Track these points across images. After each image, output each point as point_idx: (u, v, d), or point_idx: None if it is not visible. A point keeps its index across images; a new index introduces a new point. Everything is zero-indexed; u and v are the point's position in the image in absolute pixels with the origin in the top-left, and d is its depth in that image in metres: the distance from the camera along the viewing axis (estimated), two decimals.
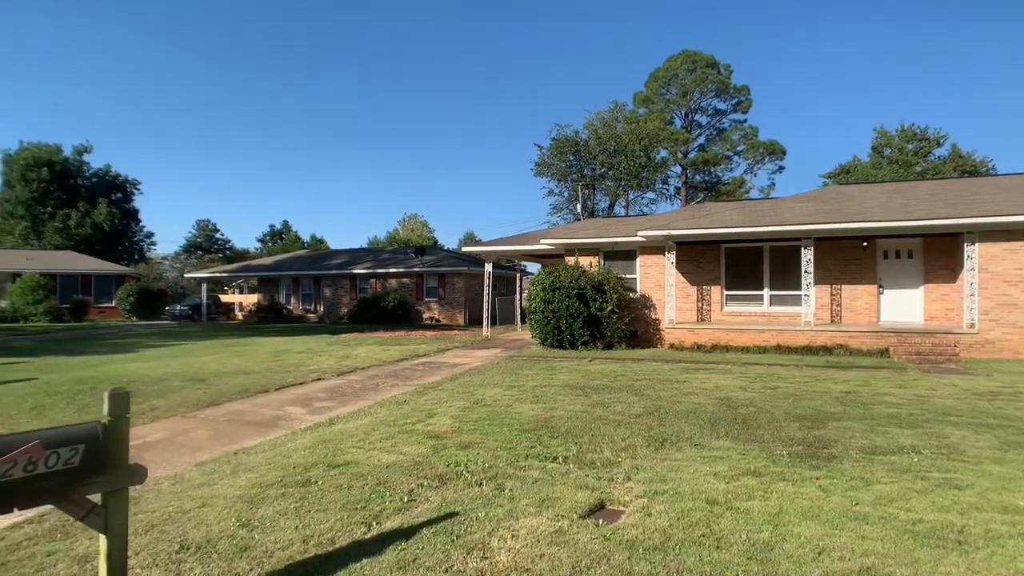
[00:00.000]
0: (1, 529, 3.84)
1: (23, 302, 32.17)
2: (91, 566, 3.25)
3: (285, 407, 8.26)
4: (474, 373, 11.16)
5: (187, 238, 72.09)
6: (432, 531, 3.63)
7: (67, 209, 51.60)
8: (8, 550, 3.52)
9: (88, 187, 54.88)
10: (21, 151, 52.21)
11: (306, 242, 69.20)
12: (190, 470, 5.16)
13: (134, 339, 20.24)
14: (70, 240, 50.15)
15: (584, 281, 15.01)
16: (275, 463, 5.21)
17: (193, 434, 6.73)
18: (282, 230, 75.31)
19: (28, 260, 37.86)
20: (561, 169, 46.00)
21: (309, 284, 34.41)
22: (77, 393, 8.83)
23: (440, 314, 30.27)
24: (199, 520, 3.89)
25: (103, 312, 36.68)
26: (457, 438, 5.94)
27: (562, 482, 4.58)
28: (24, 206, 50.94)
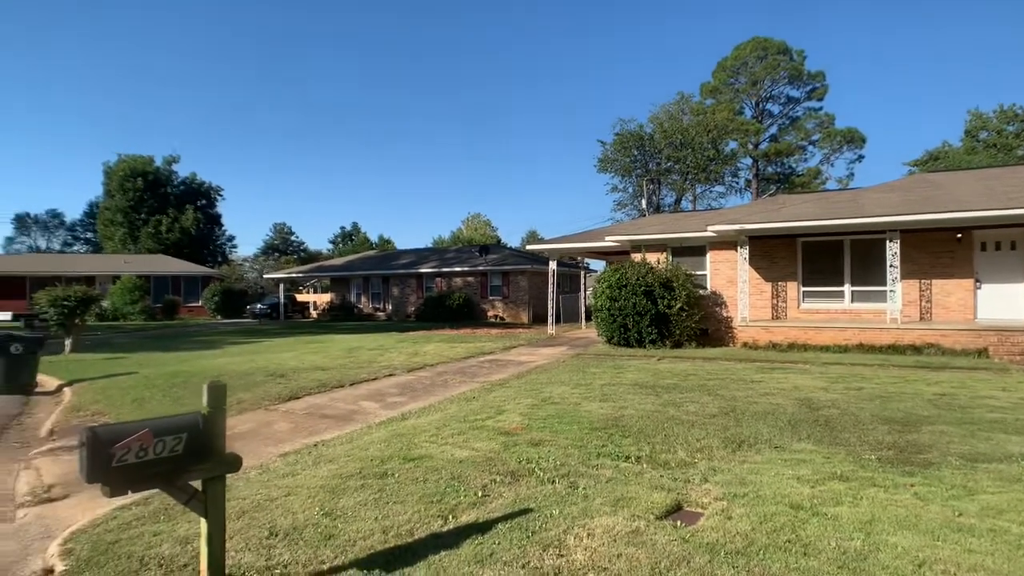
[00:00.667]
0: (113, 510, 4.17)
1: (122, 302, 34.83)
2: (191, 547, 3.47)
3: (359, 402, 8.54)
4: (540, 371, 11.16)
5: (265, 241, 76.00)
6: (507, 527, 3.65)
7: (159, 215, 55.43)
8: (120, 528, 3.81)
9: (176, 195, 58.74)
10: (119, 163, 56.53)
11: (374, 243, 71.34)
12: (275, 460, 5.42)
13: (219, 336, 21.50)
14: (161, 244, 53.83)
15: (652, 278, 14.72)
16: (353, 455, 5.40)
17: (276, 426, 7.07)
18: (352, 232, 78.02)
19: (126, 263, 40.95)
20: (625, 164, 45.31)
21: (378, 283, 35.46)
22: (172, 386, 9.47)
23: (504, 312, 30.49)
24: (286, 508, 4.08)
25: (191, 311, 39.18)
26: (527, 435, 5.96)
27: (636, 482, 4.51)
28: (122, 213, 55.13)
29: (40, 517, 4.44)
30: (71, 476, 5.36)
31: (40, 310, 16.89)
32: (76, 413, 8.12)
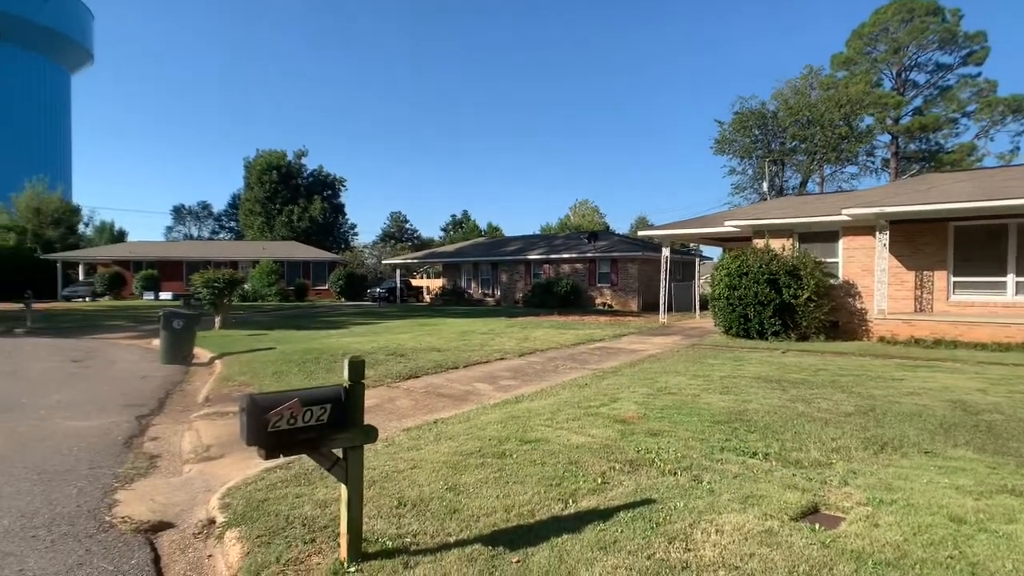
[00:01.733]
0: (261, 471, 4.58)
1: (260, 284, 38.35)
2: (329, 510, 3.72)
3: (473, 383, 8.78)
4: (653, 360, 10.86)
5: (382, 228, 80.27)
6: (630, 516, 3.58)
7: (291, 205, 60.25)
8: (267, 488, 4.18)
9: (306, 186, 63.45)
10: (257, 158, 62.00)
11: (483, 230, 72.97)
12: (399, 435, 5.70)
13: (343, 317, 23.04)
14: (293, 232, 58.50)
15: (776, 266, 13.81)
16: (471, 434, 5.55)
17: (398, 402, 7.44)
18: (462, 219, 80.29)
19: (263, 250, 44.94)
20: (745, 145, 42.72)
21: (487, 269, 36.25)
22: (305, 362, 10.27)
23: (612, 300, 30.03)
24: (411, 480, 4.27)
25: (318, 293, 42.32)
26: (644, 424, 5.81)
27: (766, 480, 4.24)
28: (260, 204, 60.53)
29: (202, 473, 4.99)
30: (225, 438, 5.97)
31: (195, 290, 19.01)
32: (226, 383, 9.04)
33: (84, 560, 3.35)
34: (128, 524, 3.87)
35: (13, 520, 3.89)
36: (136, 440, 6.03)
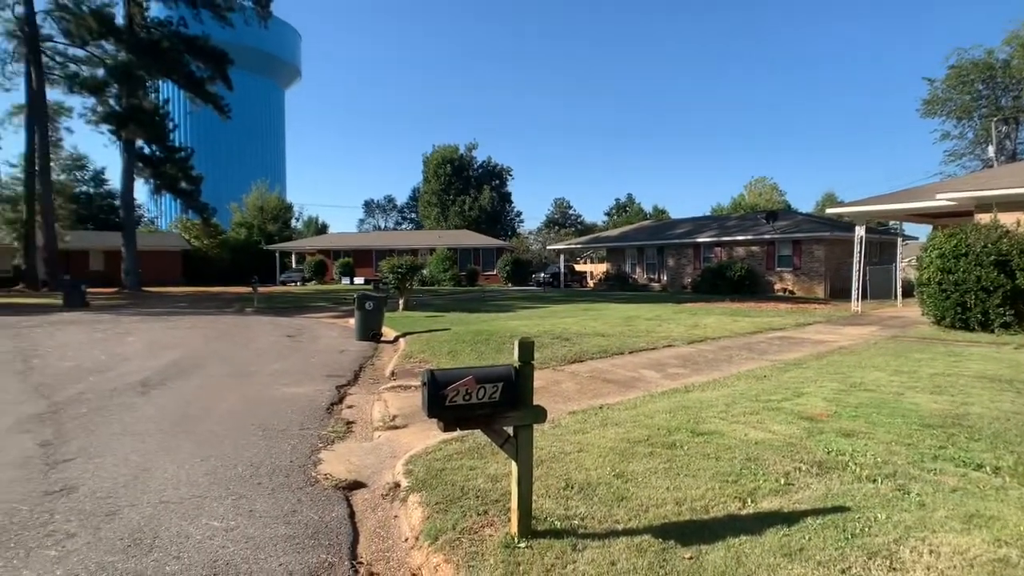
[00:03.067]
0: (439, 442, 4.91)
1: (437, 270, 41.32)
2: (500, 484, 3.86)
3: (639, 369, 8.57)
4: (845, 352, 9.71)
5: (547, 215, 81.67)
6: (819, 523, 3.22)
7: (463, 196, 63.88)
8: (445, 459, 4.47)
9: (476, 177, 66.78)
10: (434, 153, 66.58)
11: (648, 213, 70.90)
12: (564, 417, 5.74)
13: (510, 301, 23.92)
14: (465, 221, 61.98)
15: (1007, 245, 11.55)
16: (639, 422, 5.41)
17: (563, 385, 7.53)
18: (626, 203, 78.74)
19: (439, 238, 48.28)
20: (963, 104, 36.19)
21: (652, 254, 35.17)
22: (476, 343, 10.83)
23: (794, 285, 27.44)
24: (578, 464, 4.28)
25: (487, 279, 44.43)
26: (835, 423, 5.20)
27: (996, 498, 3.55)
28: (436, 196, 65.02)
29: (388, 440, 5.48)
30: (407, 409, 6.51)
31: (383, 276, 21.02)
32: (408, 359, 9.87)
33: (296, 508, 3.86)
34: (329, 481, 4.38)
35: (245, 468, 4.61)
36: (336, 407, 6.82)
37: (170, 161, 34.13)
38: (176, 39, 32.35)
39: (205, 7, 33.11)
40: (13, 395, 7.03)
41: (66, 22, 32.00)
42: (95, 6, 32.24)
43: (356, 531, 3.60)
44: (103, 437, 5.37)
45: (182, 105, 45.27)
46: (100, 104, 32.93)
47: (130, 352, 10.53)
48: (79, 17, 31.34)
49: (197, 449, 5.05)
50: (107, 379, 8.02)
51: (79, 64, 34.11)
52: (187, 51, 32.74)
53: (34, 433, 5.49)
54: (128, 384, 7.68)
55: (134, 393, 7.18)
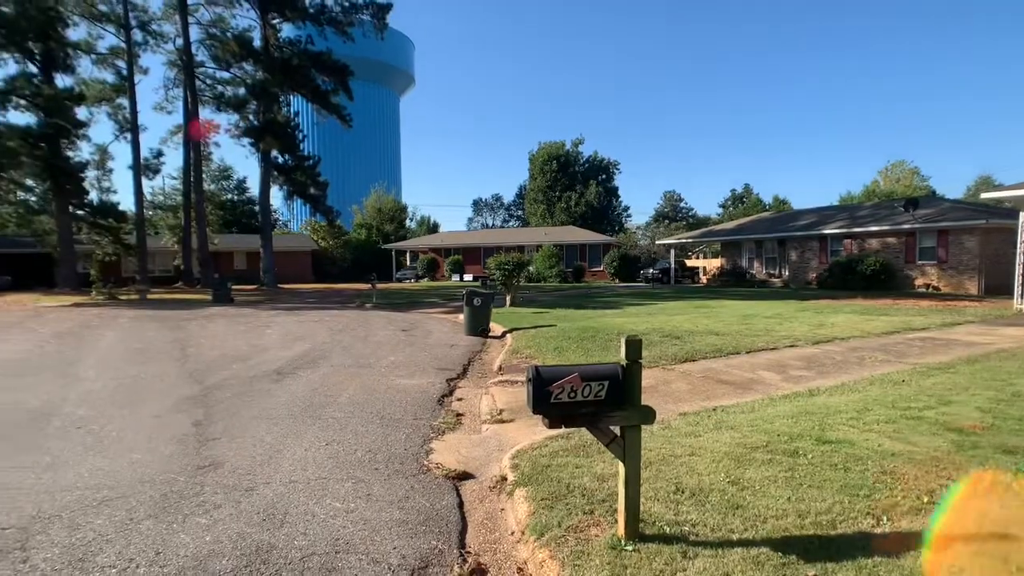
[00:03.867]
0: (544, 439, 4.93)
1: (543, 267, 41.58)
2: (606, 484, 3.80)
3: (758, 371, 8.08)
4: (1005, 357, 8.55)
5: (655, 209, 79.45)
6: None
7: (568, 192, 63.76)
8: (550, 456, 4.47)
9: (582, 172, 66.38)
10: (539, 150, 67.03)
11: (767, 204, 66.74)
12: (675, 418, 5.54)
13: (617, 298, 23.52)
14: (571, 217, 61.83)
15: None
16: (756, 426, 5.10)
17: (673, 385, 7.27)
18: (743, 194, 74.68)
19: (545, 235, 48.51)
20: None
21: (772, 247, 33.05)
22: (582, 339, 10.76)
23: (939, 280, 24.59)
24: (689, 467, 4.11)
25: (594, 275, 44.01)
26: (992, 438, 4.58)
27: None
28: (542, 192, 65.43)
29: (496, 434, 5.59)
30: (514, 404, 6.59)
31: (490, 273, 21.50)
32: (515, 354, 10.00)
33: (409, 495, 4.04)
34: (440, 470, 4.54)
35: (363, 453, 4.90)
36: (446, 399, 7.06)
37: (300, 169, 37.07)
38: (304, 56, 35.03)
39: (329, 25, 35.57)
40: (173, 380, 7.98)
41: (215, 48, 35.81)
42: (237, 32, 35.79)
43: (464, 521, 3.70)
44: (243, 419, 5.94)
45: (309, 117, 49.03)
46: (242, 120, 36.53)
47: (267, 343, 11.58)
48: (225, 43, 34.93)
49: (322, 433, 5.44)
50: (247, 367, 8.88)
51: (224, 85, 38.09)
52: (314, 66, 35.36)
53: (189, 413, 6.19)
54: (265, 372, 8.44)
55: (269, 380, 7.88)
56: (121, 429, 5.61)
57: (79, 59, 33.60)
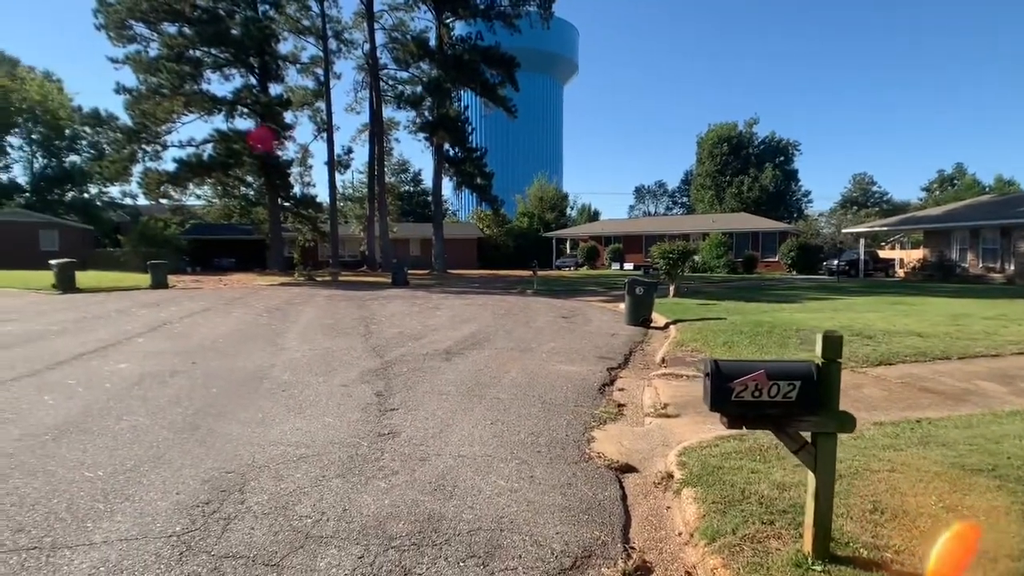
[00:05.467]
0: (713, 438, 4.62)
1: (709, 256, 39.41)
2: (787, 495, 3.45)
3: (975, 380, 6.85)
4: None
5: (842, 194, 71.18)
6: None
7: (740, 176, 59.60)
8: (721, 457, 4.18)
9: (756, 155, 61.59)
10: (708, 133, 63.43)
11: (987, 186, 56.52)
12: (869, 428, 4.89)
13: (796, 291, 21.48)
14: (742, 203, 57.79)
15: None
16: (977, 445, 4.30)
17: (865, 391, 6.42)
18: (953, 175, 64.18)
19: (713, 222, 45.91)
20: None
21: (992, 237, 27.93)
22: (756, 334, 9.96)
23: None
24: (889, 485, 3.58)
25: (767, 266, 40.73)
26: None
27: None
28: (710, 178, 61.97)
29: (660, 427, 5.37)
30: (679, 398, 6.29)
31: (653, 261, 20.85)
32: (680, 347, 9.56)
33: (571, 481, 4.02)
34: (602, 460, 4.46)
35: (526, 435, 4.99)
36: (607, 388, 6.96)
37: (468, 160, 38.99)
38: (474, 51, 36.63)
39: (498, 19, 36.78)
40: (359, 353, 8.84)
41: (396, 51, 38.90)
42: (415, 34, 38.49)
43: (628, 514, 3.59)
44: (417, 394, 6.39)
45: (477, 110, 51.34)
46: (418, 116, 39.32)
47: (437, 324, 12.37)
48: (405, 45, 37.78)
49: (487, 413, 5.65)
50: (421, 345, 9.55)
51: (403, 84, 41.26)
52: (483, 61, 36.84)
53: (372, 384, 6.81)
54: (436, 351, 9.01)
55: (440, 359, 8.39)
56: (316, 395, 6.33)
57: (287, 69, 38.54)
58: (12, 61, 51.18)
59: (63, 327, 11.33)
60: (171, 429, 5.06)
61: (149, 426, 5.14)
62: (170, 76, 30.94)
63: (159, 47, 31.89)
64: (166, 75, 30.91)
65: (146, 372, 7.32)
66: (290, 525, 3.32)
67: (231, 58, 33.86)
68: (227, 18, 32.93)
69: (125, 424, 5.19)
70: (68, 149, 50.52)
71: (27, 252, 36.22)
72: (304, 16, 38.29)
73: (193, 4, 31.42)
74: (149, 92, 31.50)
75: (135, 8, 30.53)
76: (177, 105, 32.31)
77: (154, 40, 32.23)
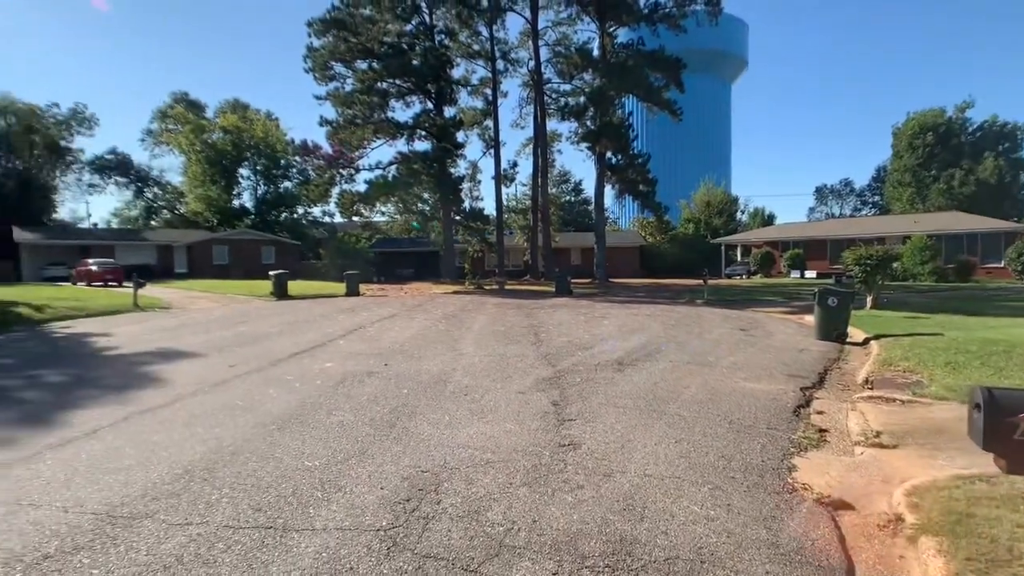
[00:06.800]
0: (952, 476, 3.88)
1: (911, 262, 34.33)
2: None
3: None
4: None
5: None
6: None
7: (950, 169, 51.35)
8: (970, 502, 3.46)
9: (971, 143, 52.70)
10: (908, 122, 55.64)
11: None
12: None
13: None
14: (952, 200, 49.77)
15: None
16: None
17: None
18: None
19: (915, 223, 40.04)
20: None
21: None
22: (989, 354, 8.36)
23: None
24: None
25: (989, 272, 34.55)
26: None
27: None
28: (910, 172, 54.26)
29: (875, 459, 4.68)
30: (894, 426, 5.45)
31: (846, 268, 18.64)
32: (887, 366, 8.35)
33: (775, 515, 3.62)
34: (809, 492, 3.98)
35: (716, 458, 4.63)
36: (802, 410, 6.26)
37: (631, 167, 38.32)
38: (638, 56, 36.00)
39: (662, 22, 35.82)
40: (531, 361, 8.99)
41: (559, 64, 39.63)
42: (579, 45, 38.89)
43: (850, 560, 3.13)
44: (593, 405, 6.28)
45: (639, 115, 50.38)
46: (580, 126, 39.59)
47: (605, 333, 12.20)
48: (568, 57, 38.35)
49: (668, 430, 5.37)
50: (591, 355, 9.46)
51: (566, 96, 41.85)
52: (647, 65, 36.06)
53: (547, 392, 6.85)
54: (607, 361, 8.85)
55: (612, 370, 8.22)
56: (495, 400, 6.52)
57: (459, 92, 41.14)
58: (244, 106, 61.19)
59: (280, 329, 13.08)
60: (371, 425, 5.52)
61: (353, 422, 5.65)
62: (362, 107, 34.68)
63: (353, 82, 35.95)
64: (359, 107, 34.71)
65: (347, 371, 8.12)
66: (483, 531, 3.39)
67: (412, 86, 37.02)
68: (409, 51, 36.10)
69: (334, 419, 5.77)
70: (282, 176, 58.90)
71: (254, 264, 42.81)
72: (474, 41, 40.61)
73: (382, 41, 34.93)
74: (345, 123, 35.59)
75: (335, 51, 34.75)
76: (368, 132, 36.10)
77: (349, 77, 36.41)
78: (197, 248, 44.71)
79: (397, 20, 36.20)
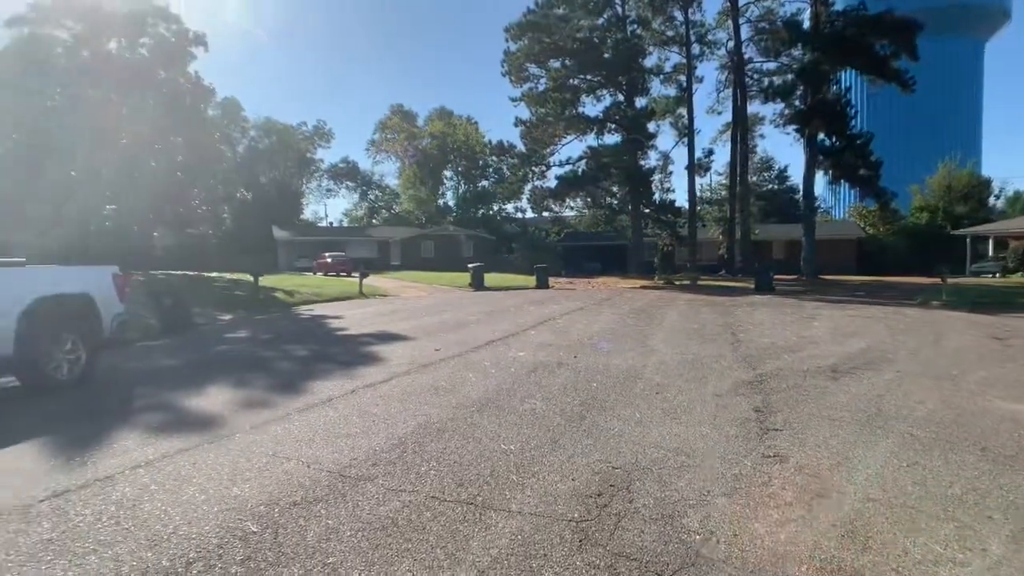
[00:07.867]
0: None
1: None
2: None
3: None
4: None
5: None
6: None
7: None
8: None
9: None
10: None
11: None
12: None
13: None
14: None
15: None
16: None
17: None
18: None
19: None
20: None
21: None
22: None
23: None
24: None
25: None
26: None
27: None
28: None
29: None
30: None
31: None
32: None
33: None
34: None
35: (962, 490, 3.87)
36: None
37: (849, 149, 33.89)
38: (858, 24, 31.65)
39: None
40: (728, 362, 8.43)
41: (763, 41, 36.55)
42: (786, 19, 35.39)
43: None
44: (802, 415, 5.68)
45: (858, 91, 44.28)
46: (787, 107, 36.06)
47: (815, 336, 10.98)
48: (775, 32, 35.16)
49: (898, 451, 4.64)
50: (798, 359, 8.57)
51: (770, 76, 38.40)
52: (870, 32, 31.53)
53: (748, 398, 6.36)
54: (818, 367, 7.95)
55: (824, 377, 7.35)
56: (689, 401, 6.23)
57: (651, 81, 40.06)
58: (448, 113, 66.84)
59: (478, 318, 14.02)
60: (562, 416, 5.63)
61: (544, 411, 5.82)
62: (554, 105, 35.58)
63: (546, 81, 37.02)
64: (551, 105, 35.67)
65: (538, 361, 8.40)
66: (678, 537, 3.25)
67: (603, 80, 36.99)
68: (600, 44, 36.07)
69: (527, 407, 6.00)
70: (480, 176, 63.16)
71: (455, 257, 46.72)
72: (668, 27, 39.20)
73: (574, 38, 35.42)
74: (538, 121, 36.84)
75: (530, 52, 36.10)
76: (559, 129, 36.94)
77: (542, 77, 37.57)
78: (408, 243, 50.13)
79: (589, 15, 36.41)
